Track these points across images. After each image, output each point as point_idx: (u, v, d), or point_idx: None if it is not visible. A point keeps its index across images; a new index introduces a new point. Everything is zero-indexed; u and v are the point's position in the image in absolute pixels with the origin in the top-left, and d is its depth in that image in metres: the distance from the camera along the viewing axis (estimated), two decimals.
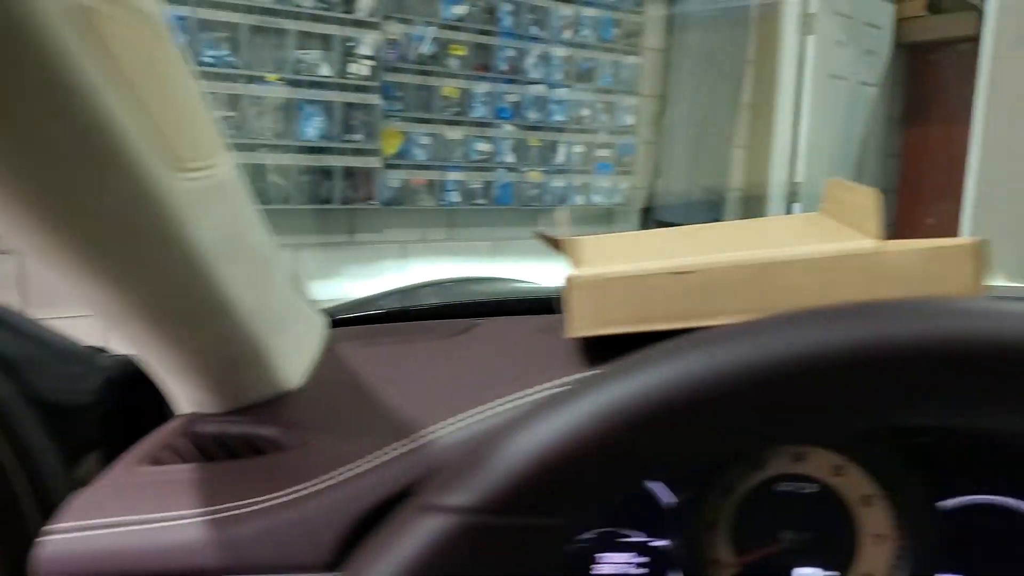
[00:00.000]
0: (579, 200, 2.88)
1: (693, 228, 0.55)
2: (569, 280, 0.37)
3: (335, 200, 2.30)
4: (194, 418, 0.46)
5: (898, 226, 4.32)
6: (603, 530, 0.44)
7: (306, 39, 2.17)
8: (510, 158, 2.66)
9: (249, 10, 2.05)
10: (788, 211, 3.47)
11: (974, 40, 2.79)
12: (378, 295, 0.79)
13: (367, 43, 2.27)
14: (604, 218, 3.05)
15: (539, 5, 2.63)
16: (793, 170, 3.42)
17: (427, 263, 2.58)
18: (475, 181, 2.60)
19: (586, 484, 0.20)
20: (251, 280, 0.42)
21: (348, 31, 2.22)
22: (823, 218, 0.51)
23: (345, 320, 0.69)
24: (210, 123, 0.40)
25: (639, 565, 0.43)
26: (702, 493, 0.42)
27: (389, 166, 2.39)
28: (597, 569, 0.44)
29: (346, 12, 2.21)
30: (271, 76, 2.13)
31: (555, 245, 0.52)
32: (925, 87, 4.14)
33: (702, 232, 0.52)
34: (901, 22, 3.85)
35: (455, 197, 2.56)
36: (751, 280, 0.36)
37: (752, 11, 3.28)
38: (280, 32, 2.13)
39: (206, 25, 2.00)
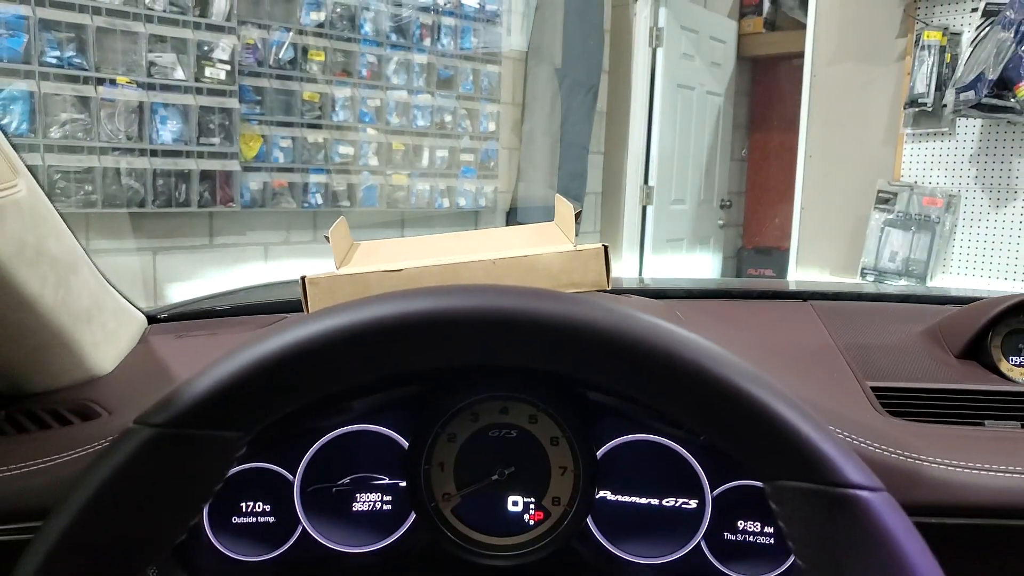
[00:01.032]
0: (445, 203, 2.99)
1: (455, 234, 0.67)
2: (303, 279, 0.48)
3: (193, 203, 2.31)
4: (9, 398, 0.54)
5: (746, 225, 4.70)
6: (360, 475, 0.55)
7: (159, 42, 2.17)
8: (374, 161, 2.74)
9: (96, 11, 2.04)
10: (643, 213, 3.72)
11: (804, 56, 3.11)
12: (203, 296, 0.87)
13: (223, 47, 2.29)
14: (471, 220, 3.17)
15: (399, 14, 2.72)
16: (646, 174, 3.67)
17: (292, 264, 2.62)
18: (339, 183, 2.66)
19: (248, 407, 0.31)
20: (51, 280, 0.50)
21: (203, 35, 2.24)
22: (550, 227, 0.65)
23: (168, 317, 0.77)
24: (2, 152, 0.48)
25: (386, 502, 0.55)
26: (432, 441, 0.54)
27: (249, 169, 2.41)
28: (356, 507, 0.55)
29: (200, 16, 2.23)
30: (121, 79, 2.12)
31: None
32: (766, 97, 4.53)
33: (456, 238, 0.64)
34: (743, 37, 4.21)
35: (318, 199, 2.61)
36: (442, 276, 0.48)
37: (607, 23, 3.50)
38: (131, 34, 2.12)
39: (49, 25, 1.97)
